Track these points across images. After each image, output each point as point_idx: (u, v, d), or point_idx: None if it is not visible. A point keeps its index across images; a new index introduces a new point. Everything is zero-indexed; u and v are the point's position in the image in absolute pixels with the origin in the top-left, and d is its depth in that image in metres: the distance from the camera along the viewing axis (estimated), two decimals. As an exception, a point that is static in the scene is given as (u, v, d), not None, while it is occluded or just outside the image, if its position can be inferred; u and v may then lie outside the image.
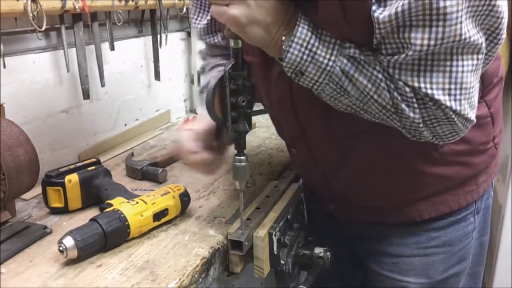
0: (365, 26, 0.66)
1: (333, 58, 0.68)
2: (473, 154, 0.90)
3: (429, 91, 0.67)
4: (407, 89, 0.68)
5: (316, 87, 0.72)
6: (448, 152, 0.86)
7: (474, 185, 0.93)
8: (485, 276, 1.97)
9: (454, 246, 0.96)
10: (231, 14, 0.66)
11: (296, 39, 0.68)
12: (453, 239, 0.95)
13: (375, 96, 0.70)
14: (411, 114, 0.70)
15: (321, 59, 0.68)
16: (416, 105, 0.69)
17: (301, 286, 0.94)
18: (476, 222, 0.97)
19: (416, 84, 0.67)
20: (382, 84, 0.69)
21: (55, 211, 0.98)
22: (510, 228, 1.92)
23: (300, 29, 0.68)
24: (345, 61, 0.68)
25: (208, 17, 1.03)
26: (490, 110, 0.89)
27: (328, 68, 0.69)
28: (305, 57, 0.68)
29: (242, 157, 0.79)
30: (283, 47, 0.69)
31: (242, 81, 0.75)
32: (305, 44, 0.68)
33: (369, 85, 0.69)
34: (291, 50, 0.68)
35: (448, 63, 0.66)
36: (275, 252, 0.90)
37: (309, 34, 0.68)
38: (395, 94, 0.69)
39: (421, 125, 0.71)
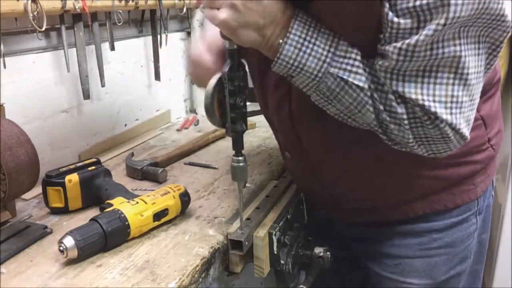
0: (372, 22, 0.65)
1: (320, 74, 0.69)
2: (467, 155, 0.90)
3: (431, 104, 0.66)
4: (399, 110, 0.68)
5: (305, 90, 0.73)
6: None
7: (471, 185, 0.93)
8: (485, 276, 1.97)
9: (456, 247, 0.96)
10: (221, 18, 0.66)
11: (285, 52, 0.68)
12: (456, 240, 0.95)
13: (360, 114, 0.71)
14: (401, 134, 0.71)
15: (310, 70, 0.69)
16: (407, 126, 0.69)
17: (301, 286, 0.94)
18: (478, 223, 0.97)
19: (419, 97, 0.66)
20: (367, 106, 0.70)
21: (55, 211, 0.98)
22: (510, 228, 1.92)
23: (292, 36, 0.68)
24: (332, 79, 0.69)
25: None
26: (480, 113, 0.89)
27: (316, 80, 0.69)
28: (293, 67, 0.69)
29: (240, 158, 0.79)
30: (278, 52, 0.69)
31: (239, 81, 0.75)
32: (293, 56, 0.68)
33: (355, 103, 0.70)
34: (279, 61, 0.69)
35: (452, 75, 0.65)
36: (275, 252, 0.90)
37: (300, 41, 0.68)
38: (384, 115, 0.70)
39: (413, 143, 0.72)
